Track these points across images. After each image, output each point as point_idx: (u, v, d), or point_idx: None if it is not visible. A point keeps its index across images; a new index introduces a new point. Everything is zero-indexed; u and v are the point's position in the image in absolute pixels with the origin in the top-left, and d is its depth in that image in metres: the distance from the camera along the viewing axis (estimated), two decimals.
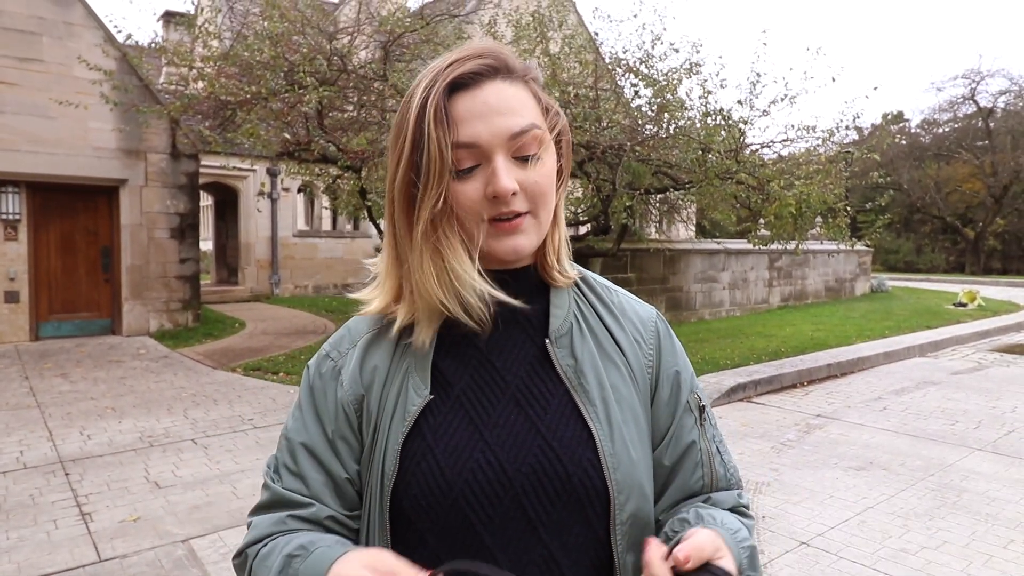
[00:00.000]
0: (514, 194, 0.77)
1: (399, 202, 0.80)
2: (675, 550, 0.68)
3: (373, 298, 0.86)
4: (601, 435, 0.79)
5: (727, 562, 0.69)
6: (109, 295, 10.23)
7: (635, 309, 0.92)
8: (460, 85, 0.77)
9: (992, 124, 31.66)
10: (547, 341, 0.83)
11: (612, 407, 0.82)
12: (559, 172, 0.85)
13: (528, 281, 0.86)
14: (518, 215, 0.78)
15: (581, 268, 0.93)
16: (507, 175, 0.76)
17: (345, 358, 0.86)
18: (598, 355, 0.84)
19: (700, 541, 0.69)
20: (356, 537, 0.83)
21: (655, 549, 0.69)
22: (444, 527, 0.77)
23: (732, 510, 0.87)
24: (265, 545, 0.79)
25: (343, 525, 0.83)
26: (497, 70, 0.78)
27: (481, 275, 0.79)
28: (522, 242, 0.79)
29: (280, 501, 0.82)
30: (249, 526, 0.83)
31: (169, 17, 15.32)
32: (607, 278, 0.97)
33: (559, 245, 0.87)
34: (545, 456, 0.78)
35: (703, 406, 0.89)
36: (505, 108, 0.77)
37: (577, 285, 0.90)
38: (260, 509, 0.84)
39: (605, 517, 0.79)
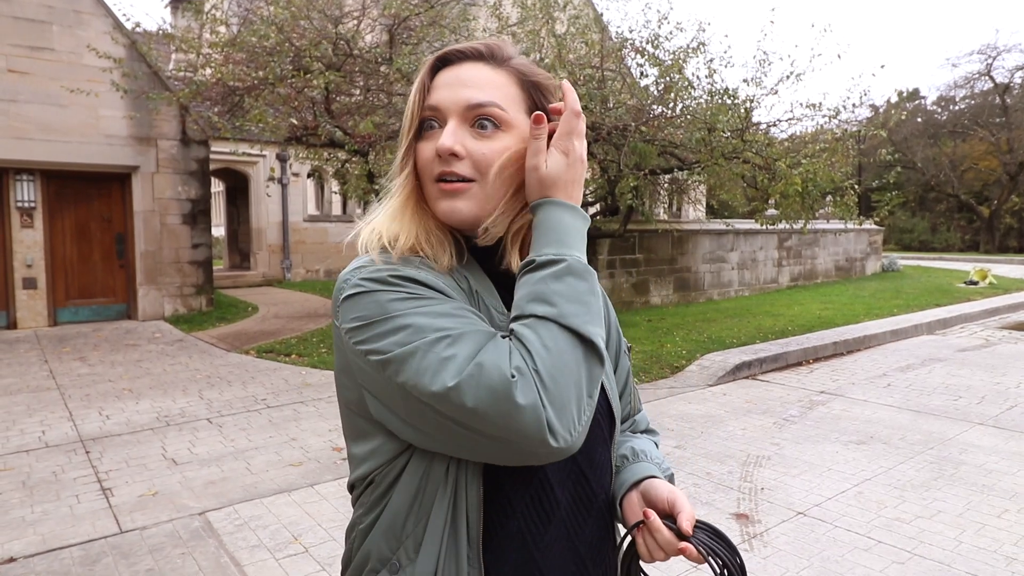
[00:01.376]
0: (457, 156, 0.83)
1: (404, 148, 0.92)
2: (680, 521, 0.86)
3: (398, 236, 0.86)
4: (606, 371, 0.95)
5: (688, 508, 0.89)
6: (124, 280, 10.41)
7: None
8: (447, 61, 0.88)
9: (1009, 100, 31.12)
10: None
11: None
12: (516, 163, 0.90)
13: (492, 257, 0.90)
14: (461, 180, 0.84)
15: None
16: (452, 135, 0.83)
17: (412, 265, 0.84)
18: None
19: (684, 504, 0.88)
20: None
21: (656, 520, 0.87)
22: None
23: (647, 430, 1.12)
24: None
25: None
26: (483, 55, 0.87)
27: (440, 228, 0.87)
28: (460, 206, 0.84)
29: (476, 332, 0.77)
30: (454, 388, 0.72)
31: (176, 3, 15.37)
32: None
33: (520, 234, 0.89)
34: None
35: (630, 347, 1.11)
36: (471, 82, 0.85)
37: None
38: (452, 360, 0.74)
39: (611, 434, 0.96)
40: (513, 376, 0.70)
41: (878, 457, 4.42)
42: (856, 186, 8.53)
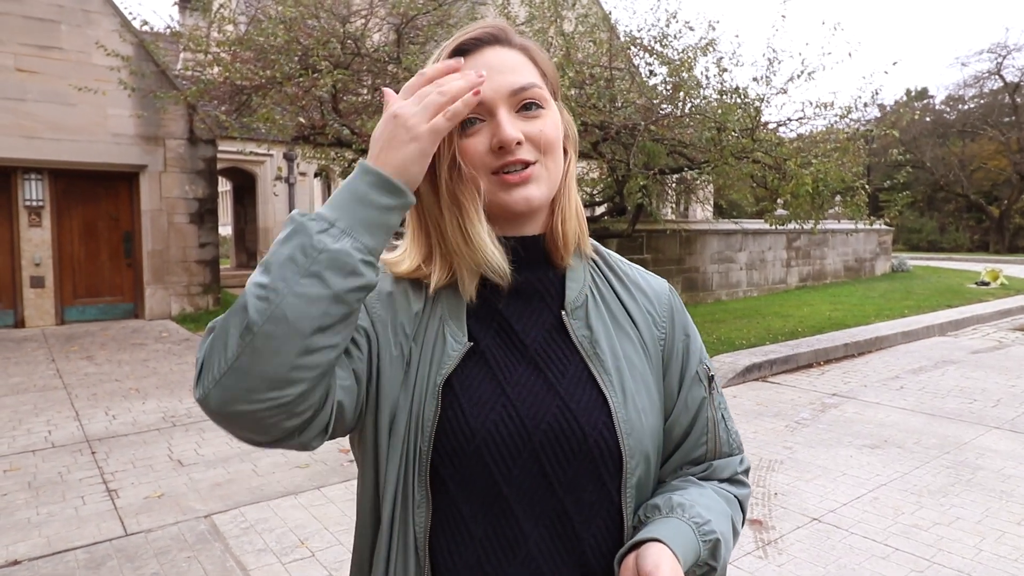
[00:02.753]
0: (519, 144, 0.80)
1: None
2: None
3: (402, 260, 0.88)
4: (615, 402, 0.82)
5: None
6: (131, 280, 10.41)
7: (649, 284, 0.94)
8: (462, 51, 0.82)
9: (1019, 100, 30.89)
10: (563, 312, 0.86)
11: (626, 376, 0.85)
12: (564, 152, 0.87)
13: (539, 250, 0.87)
14: (527, 165, 0.81)
15: (596, 243, 0.95)
16: (511, 125, 0.79)
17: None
18: (612, 327, 0.87)
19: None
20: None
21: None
22: (464, 474, 0.79)
23: (730, 479, 0.91)
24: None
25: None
26: (497, 38, 0.83)
27: (491, 237, 0.82)
28: (533, 192, 0.81)
29: None
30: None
31: (184, 2, 15.37)
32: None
33: (571, 220, 0.88)
34: (563, 416, 0.81)
35: (711, 376, 0.92)
36: (505, 68, 0.81)
37: (593, 260, 0.93)
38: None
39: (617, 478, 0.82)
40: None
41: (893, 461, 4.34)
42: (866, 186, 8.43)
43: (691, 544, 0.78)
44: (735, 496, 0.90)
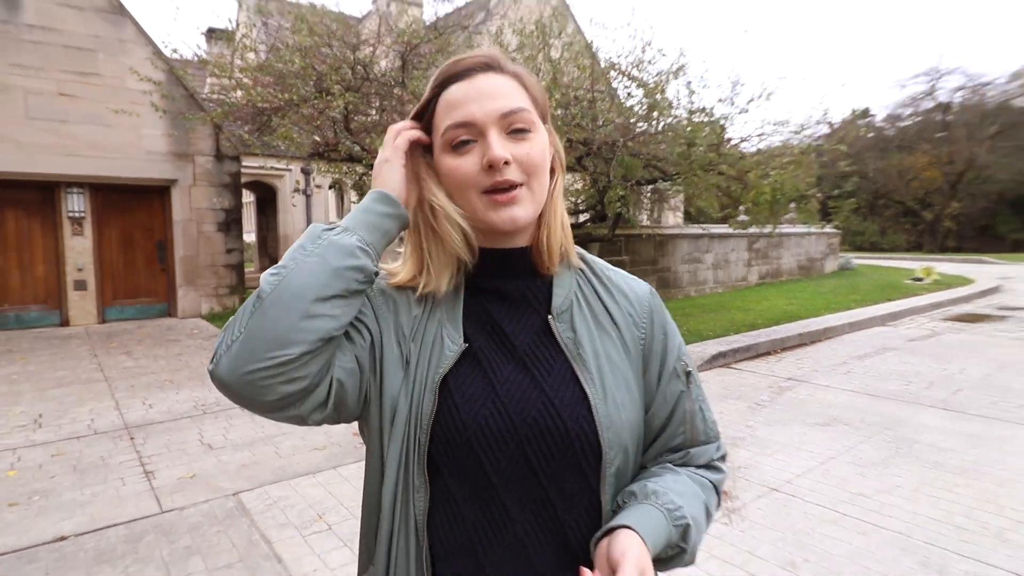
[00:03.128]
0: (507, 164, 0.78)
1: None
2: None
3: (400, 271, 0.88)
4: (596, 398, 0.81)
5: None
6: (165, 283, 10.32)
7: (631, 287, 0.93)
8: (456, 77, 0.80)
9: (949, 117, 31.09)
10: (550, 317, 0.85)
11: (606, 374, 0.83)
12: (551, 172, 0.86)
13: (526, 261, 0.87)
14: (513, 186, 0.79)
15: (582, 251, 0.94)
16: (500, 145, 0.78)
17: (378, 283, 0.88)
18: (595, 329, 0.86)
19: (626, 570, 0.69)
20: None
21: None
22: (458, 463, 0.79)
23: (707, 465, 0.90)
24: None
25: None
26: (489, 66, 0.81)
27: (465, 234, 0.83)
28: (518, 212, 0.80)
29: None
30: None
31: (211, 32, 15.24)
32: (604, 260, 0.98)
33: (556, 234, 0.86)
34: (547, 412, 0.80)
35: (689, 371, 0.90)
36: (496, 93, 0.79)
37: (580, 268, 0.91)
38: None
39: (597, 469, 0.81)
40: None
41: (841, 437, 4.37)
42: (818, 195, 8.47)
43: (662, 529, 0.77)
44: (710, 481, 0.88)
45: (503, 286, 0.86)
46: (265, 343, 0.72)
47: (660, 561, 0.79)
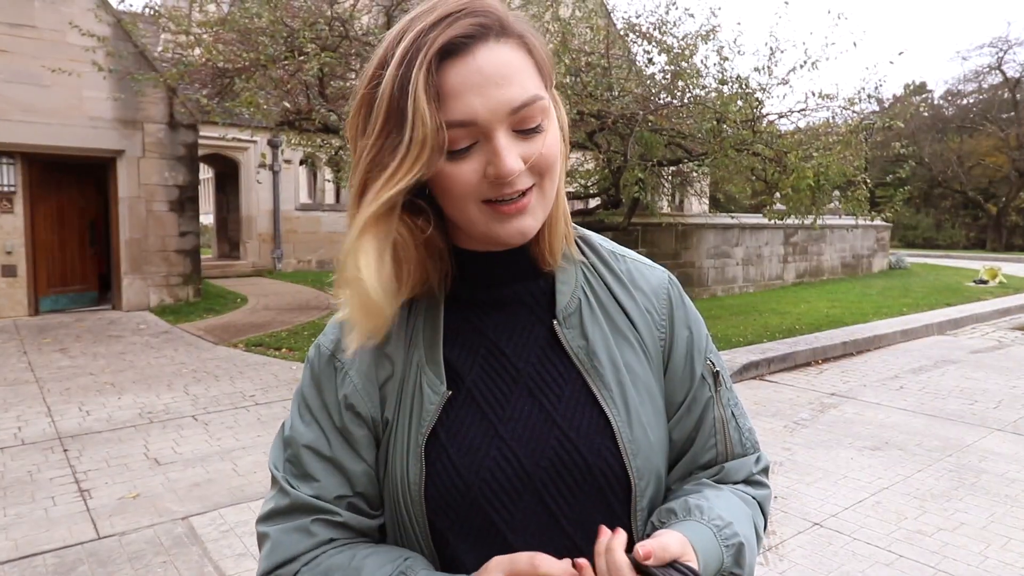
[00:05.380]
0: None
1: (361, 183, 0.72)
2: (637, 545, 0.67)
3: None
4: (619, 421, 0.77)
5: (693, 563, 0.69)
6: (99, 267, 10.39)
7: (645, 276, 0.87)
8: (449, 51, 0.68)
9: (1019, 95, 31.10)
10: (555, 322, 0.80)
11: (628, 389, 0.79)
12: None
13: (525, 259, 0.81)
14: (523, 193, 0.72)
15: (585, 232, 0.88)
16: (511, 154, 0.69)
17: (355, 360, 0.80)
18: (610, 332, 0.81)
19: (666, 540, 0.68)
20: (383, 536, 0.82)
21: (617, 540, 0.67)
22: (465, 526, 0.75)
23: (746, 480, 0.86)
24: (306, 565, 0.75)
25: (370, 526, 0.80)
26: (490, 29, 0.70)
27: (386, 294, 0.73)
28: (528, 223, 0.74)
29: (298, 507, 0.77)
30: (262, 537, 0.78)
31: None
32: None
33: (559, 223, 0.81)
34: (563, 448, 0.76)
35: (717, 372, 0.86)
36: (502, 78, 0.69)
37: (584, 254, 0.86)
38: (275, 515, 0.77)
39: (627, 503, 0.78)
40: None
41: (895, 464, 4.33)
42: (867, 180, 8.41)
43: (712, 548, 0.73)
44: (754, 498, 0.84)
45: (496, 294, 0.81)
46: None
47: None
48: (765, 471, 0.88)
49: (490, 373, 0.79)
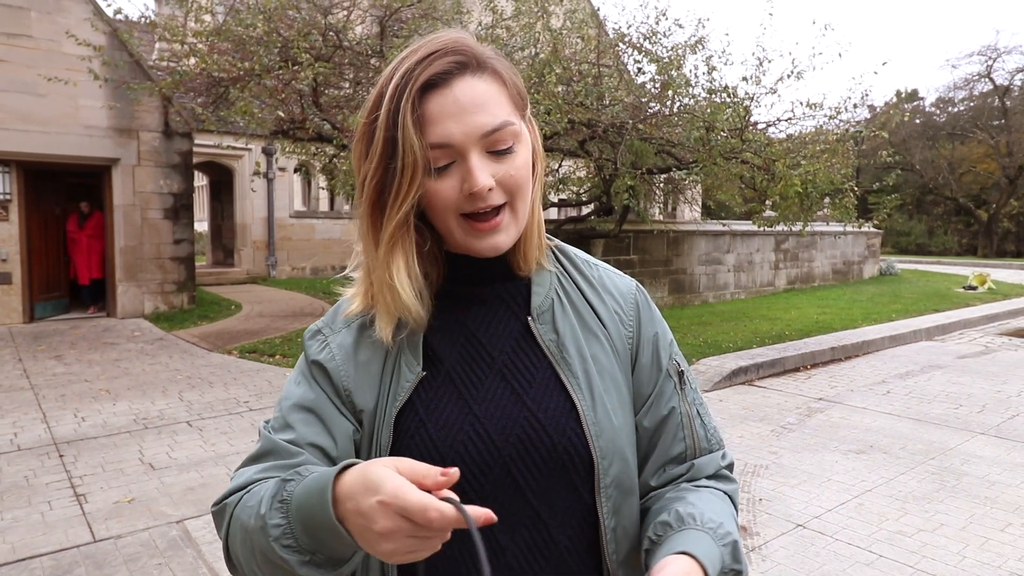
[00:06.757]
0: (490, 189, 0.80)
1: (370, 202, 0.82)
2: None
3: (355, 297, 0.90)
4: (584, 405, 0.85)
5: None
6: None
7: (615, 283, 0.96)
8: (431, 85, 0.79)
9: (1008, 103, 31.37)
10: (529, 318, 0.89)
11: (594, 378, 0.87)
12: (532, 168, 0.88)
13: (503, 264, 0.90)
14: (496, 210, 0.82)
15: (561, 243, 0.97)
16: (482, 172, 0.79)
17: (339, 335, 0.89)
18: (579, 329, 0.90)
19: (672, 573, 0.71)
20: None
21: None
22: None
23: (715, 475, 0.92)
24: (247, 491, 0.78)
25: None
26: (466, 66, 0.80)
27: (415, 289, 0.83)
28: (501, 239, 0.84)
29: (270, 450, 0.82)
30: (233, 479, 0.84)
31: None
32: (610, 260, 1.01)
33: (533, 236, 0.90)
34: (531, 427, 0.84)
35: (682, 371, 0.94)
36: (476, 106, 0.80)
37: (559, 261, 0.95)
38: (248, 460, 0.84)
39: (590, 481, 0.84)
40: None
41: (879, 467, 4.40)
42: (855, 188, 8.53)
43: (714, 552, 0.78)
44: (726, 492, 0.91)
45: (479, 291, 0.91)
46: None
47: None
48: (731, 467, 0.95)
49: (467, 359, 0.88)
